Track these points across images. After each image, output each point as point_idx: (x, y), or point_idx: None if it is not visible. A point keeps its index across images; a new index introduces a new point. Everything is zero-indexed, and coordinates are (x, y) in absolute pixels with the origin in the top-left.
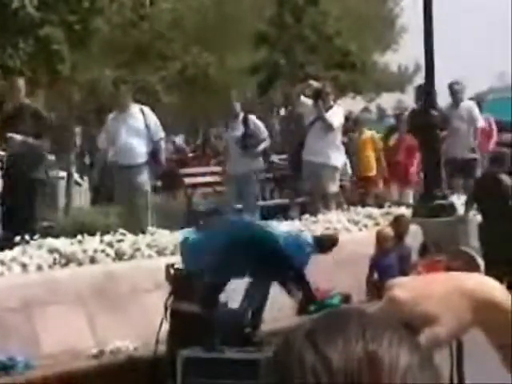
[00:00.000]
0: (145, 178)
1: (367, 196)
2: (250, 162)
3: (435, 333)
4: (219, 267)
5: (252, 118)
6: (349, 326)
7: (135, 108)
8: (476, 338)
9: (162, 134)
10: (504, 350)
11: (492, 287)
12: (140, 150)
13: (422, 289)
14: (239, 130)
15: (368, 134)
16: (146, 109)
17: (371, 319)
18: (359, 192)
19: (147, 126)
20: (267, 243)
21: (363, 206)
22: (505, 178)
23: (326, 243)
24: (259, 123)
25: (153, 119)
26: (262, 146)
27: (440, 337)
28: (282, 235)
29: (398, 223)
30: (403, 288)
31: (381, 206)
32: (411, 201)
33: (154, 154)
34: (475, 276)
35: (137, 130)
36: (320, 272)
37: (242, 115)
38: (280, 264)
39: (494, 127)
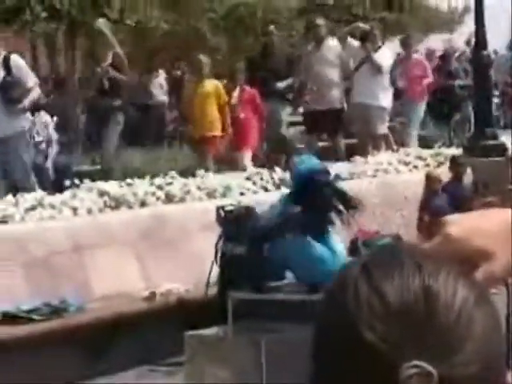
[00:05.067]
0: None
1: None
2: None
3: (491, 269)
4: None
5: (15, 58)
6: (404, 261)
7: None
8: None
9: None
10: None
11: None
12: None
13: (477, 225)
14: None
15: None
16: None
17: (426, 255)
18: None
19: None
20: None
21: None
22: None
23: (349, 202)
24: (23, 64)
25: None
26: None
27: (495, 273)
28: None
29: (455, 164)
30: (457, 225)
31: (431, 147)
32: None
33: None
34: None
35: None
36: (369, 213)
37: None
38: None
39: None
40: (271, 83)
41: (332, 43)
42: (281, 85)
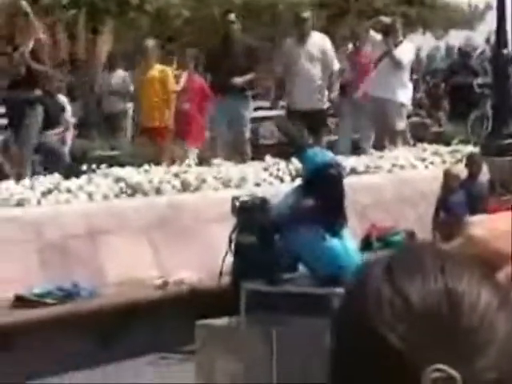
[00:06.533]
0: None
1: None
2: None
3: None
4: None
5: None
6: (427, 262)
7: None
8: None
9: None
10: None
11: None
12: None
13: (499, 227)
14: None
15: None
16: None
17: (449, 256)
18: None
19: None
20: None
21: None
22: None
23: None
24: None
25: None
26: None
27: None
28: None
29: (472, 161)
30: (480, 226)
31: (448, 144)
32: None
33: None
34: None
35: None
36: (384, 209)
37: None
38: None
39: None
40: (229, 77)
41: (317, 38)
42: (238, 80)
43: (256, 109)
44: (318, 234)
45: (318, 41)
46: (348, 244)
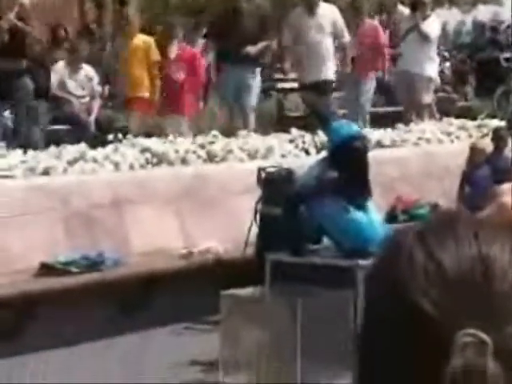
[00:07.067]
0: None
1: None
2: None
3: None
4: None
5: None
6: (460, 229)
7: None
8: None
9: None
10: None
11: None
12: None
13: None
14: None
15: None
16: None
17: (482, 223)
18: None
19: None
20: None
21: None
22: None
23: None
24: None
25: None
26: None
27: None
28: None
29: (498, 136)
30: (511, 194)
31: (474, 118)
32: None
33: None
34: None
35: None
36: (410, 182)
37: None
38: None
39: None
40: (240, 47)
41: (326, 9)
42: (252, 49)
43: (278, 80)
44: (341, 206)
45: (328, 12)
46: (373, 217)
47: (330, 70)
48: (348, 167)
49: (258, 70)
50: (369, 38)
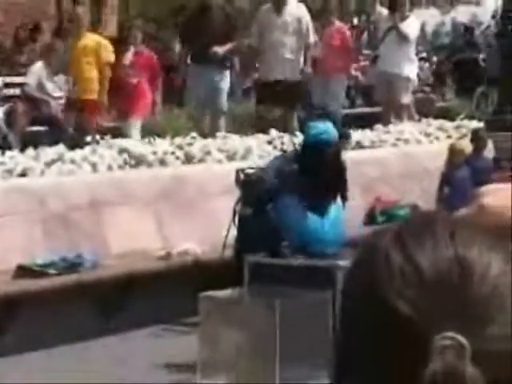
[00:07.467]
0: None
1: None
2: None
3: None
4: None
5: None
6: (437, 229)
7: None
8: None
9: None
10: None
11: None
12: None
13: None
14: None
15: None
16: None
17: (460, 224)
18: None
19: None
20: None
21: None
22: None
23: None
24: None
25: None
26: None
27: None
28: None
29: (477, 137)
30: (493, 195)
31: (453, 119)
32: None
33: None
34: None
35: None
36: (389, 183)
37: None
38: None
39: None
40: (207, 47)
41: (293, 7)
42: (219, 50)
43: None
44: (299, 208)
45: (295, 10)
46: (331, 221)
47: (295, 70)
48: (312, 169)
49: (227, 71)
50: (336, 40)
